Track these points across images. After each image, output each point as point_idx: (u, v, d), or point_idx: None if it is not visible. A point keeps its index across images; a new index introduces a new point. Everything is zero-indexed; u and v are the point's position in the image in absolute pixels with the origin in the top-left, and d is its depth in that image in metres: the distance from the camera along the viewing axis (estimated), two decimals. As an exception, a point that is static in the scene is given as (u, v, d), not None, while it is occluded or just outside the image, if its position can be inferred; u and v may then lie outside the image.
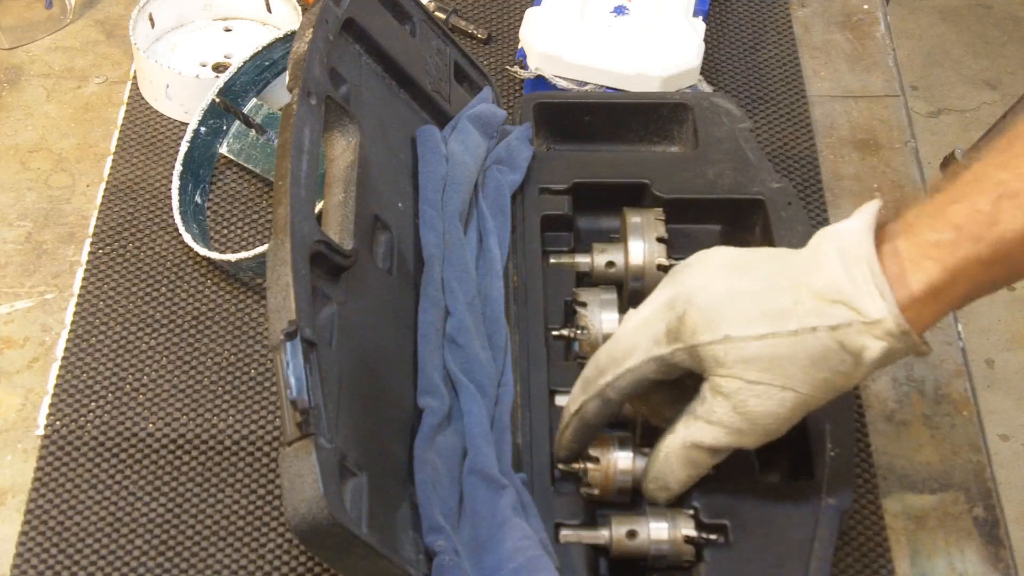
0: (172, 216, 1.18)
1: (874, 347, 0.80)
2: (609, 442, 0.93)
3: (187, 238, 1.15)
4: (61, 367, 1.10)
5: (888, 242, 0.79)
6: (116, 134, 1.29)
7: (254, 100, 1.26)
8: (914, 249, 0.79)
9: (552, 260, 1.08)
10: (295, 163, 0.86)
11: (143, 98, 1.32)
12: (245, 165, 1.24)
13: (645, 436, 0.94)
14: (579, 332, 1.01)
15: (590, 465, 0.92)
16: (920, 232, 0.79)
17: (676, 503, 0.92)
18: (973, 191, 0.78)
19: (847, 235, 0.81)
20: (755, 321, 0.81)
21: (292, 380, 0.75)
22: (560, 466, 0.94)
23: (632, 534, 0.89)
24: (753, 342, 0.81)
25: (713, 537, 0.89)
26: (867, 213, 0.81)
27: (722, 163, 1.12)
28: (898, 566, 0.98)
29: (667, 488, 0.89)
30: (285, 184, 0.84)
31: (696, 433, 0.85)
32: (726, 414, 0.83)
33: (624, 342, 0.86)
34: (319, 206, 0.96)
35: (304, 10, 1.33)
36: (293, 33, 1.14)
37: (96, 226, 1.20)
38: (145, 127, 1.29)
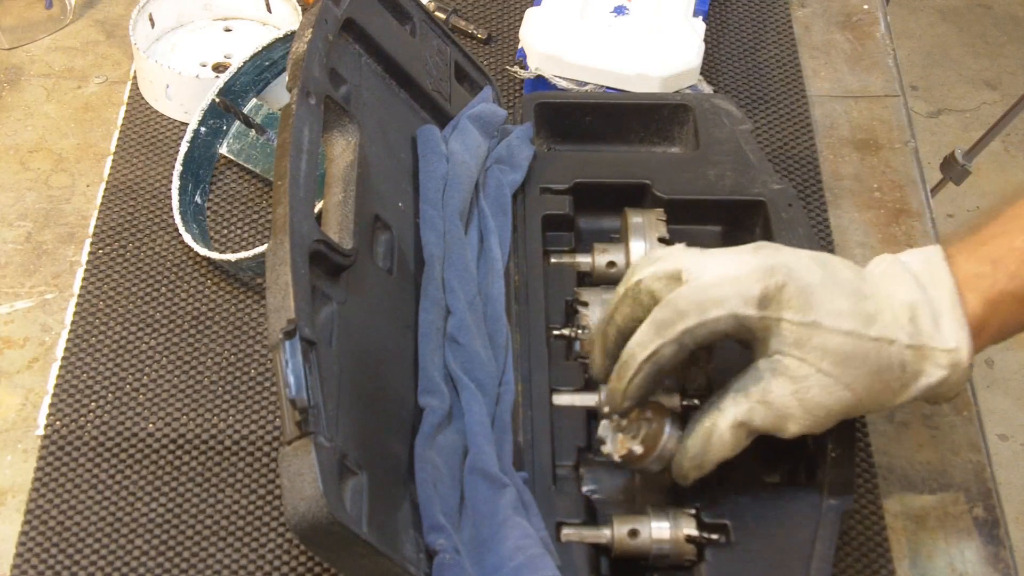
0: (172, 216, 1.18)
1: (932, 375, 0.82)
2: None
3: (187, 238, 1.15)
4: (61, 367, 1.10)
5: None
6: (116, 134, 1.29)
7: (254, 100, 1.26)
8: (960, 278, 0.81)
9: (553, 260, 1.08)
10: (294, 163, 0.86)
11: (143, 98, 1.32)
12: (245, 165, 1.24)
13: None
14: (580, 332, 1.01)
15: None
16: (961, 264, 0.82)
17: (677, 503, 0.92)
18: (1013, 228, 0.80)
19: (919, 261, 0.84)
20: (844, 316, 0.82)
21: (291, 379, 0.75)
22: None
23: (634, 533, 0.89)
24: (838, 336, 0.82)
25: (715, 537, 0.89)
26: (933, 247, 0.83)
27: (723, 164, 1.12)
28: (898, 566, 0.98)
29: (702, 467, 0.87)
30: (284, 184, 0.84)
31: (748, 413, 0.84)
32: (784, 397, 0.83)
33: (712, 291, 0.84)
34: (319, 206, 0.96)
35: (304, 10, 1.33)
36: (293, 33, 1.14)
37: (96, 226, 1.20)
38: (145, 127, 1.29)
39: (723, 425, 0.85)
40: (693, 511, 0.90)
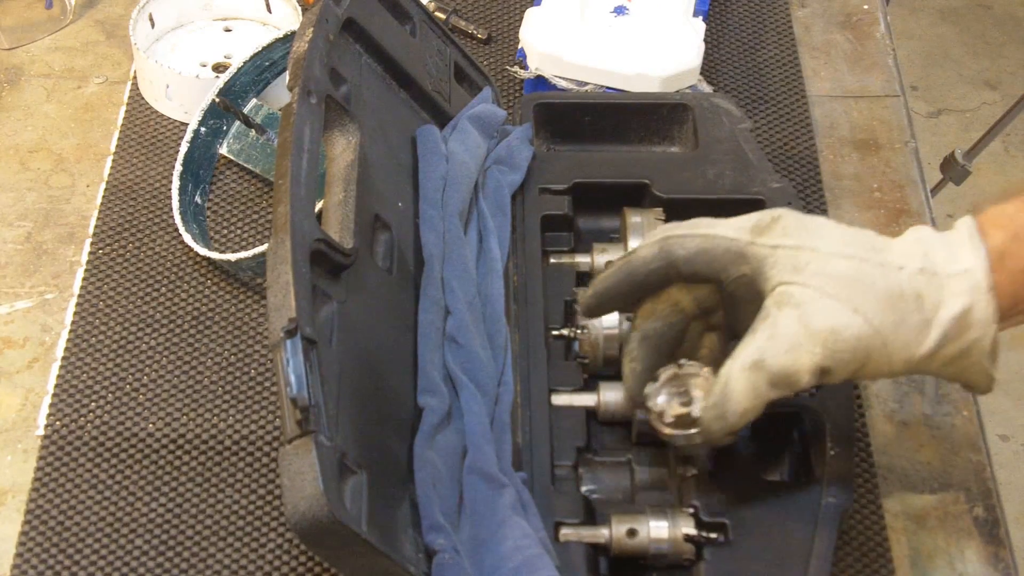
0: (172, 216, 1.18)
1: (952, 304, 0.79)
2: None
3: (187, 238, 1.15)
4: (61, 367, 1.10)
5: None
6: (116, 134, 1.29)
7: (254, 100, 1.26)
8: (981, 220, 0.81)
9: (552, 260, 1.08)
10: (295, 162, 0.86)
11: (143, 98, 1.32)
12: (245, 165, 1.24)
13: None
14: (579, 332, 1.01)
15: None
16: (985, 208, 0.81)
17: (675, 502, 0.92)
18: None
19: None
20: (847, 245, 0.81)
21: (292, 378, 0.75)
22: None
23: (632, 533, 0.89)
24: (839, 259, 0.80)
25: (713, 536, 0.89)
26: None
27: (722, 163, 1.12)
28: (898, 566, 0.98)
29: (723, 417, 0.82)
30: (285, 183, 0.84)
31: (758, 351, 0.80)
32: (790, 325, 0.80)
33: (708, 221, 0.85)
34: (319, 205, 0.96)
35: (304, 10, 1.33)
36: (293, 33, 1.14)
37: (96, 226, 1.20)
38: (145, 127, 1.29)
39: (736, 368, 0.81)
40: (691, 510, 0.90)
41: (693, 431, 0.86)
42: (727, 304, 0.88)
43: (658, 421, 0.88)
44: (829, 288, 0.80)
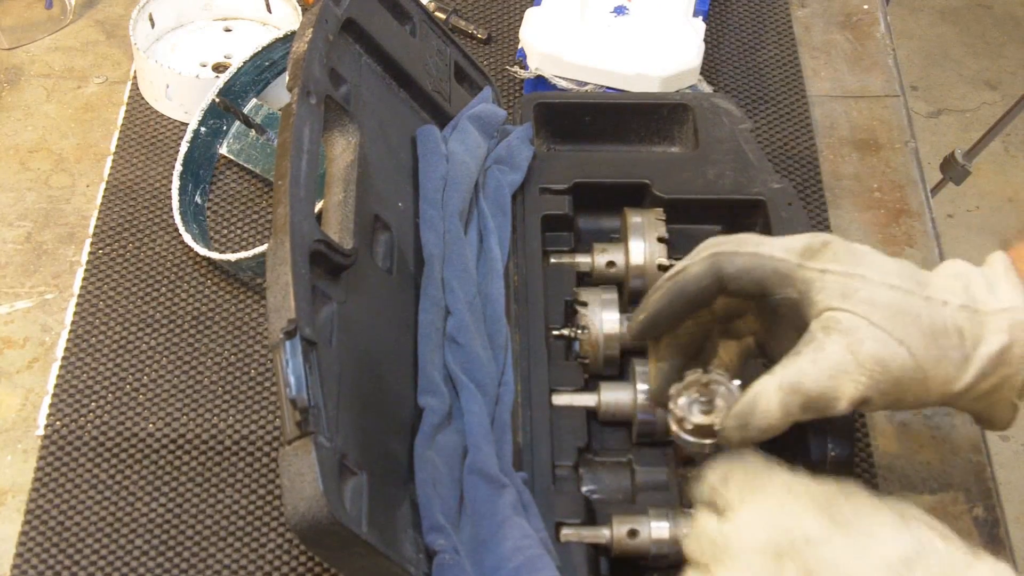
0: (172, 216, 1.18)
1: (993, 341, 0.80)
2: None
3: (187, 238, 1.15)
4: (61, 367, 1.10)
5: None
6: (116, 134, 1.29)
7: (254, 100, 1.26)
8: (1013, 255, 0.81)
9: (553, 260, 1.08)
10: (295, 163, 0.86)
11: (143, 98, 1.32)
12: (245, 165, 1.24)
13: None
14: (580, 332, 1.01)
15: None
16: (1015, 244, 0.82)
17: (676, 503, 0.92)
18: None
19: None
20: (893, 275, 0.81)
21: (292, 379, 0.75)
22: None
23: (633, 533, 0.89)
24: (887, 290, 0.80)
25: (713, 536, 0.89)
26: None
27: (722, 163, 1.12)
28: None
29: (745, 429, 0.81)
30: (285, 184, 0.84)
31: (798, 374, 0.80)
32: (836, 353, 0.79)
33: (755, 238, 0.85)
34: (319, 206, 0.96)
35: (304, 10, 1.33)
36: (293, 33, 1.14)
37: (96, 226, 1.20)
38: (145, 127, 1.29)
39: (772, 386, 0.80)
40: (692, 511, 0.90)
41: (708, 441, 0.86)
42: (763, 321, 0.88)
43: (677, 424, 0.87)
44: (876, 318, 0.80)
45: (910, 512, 0.76)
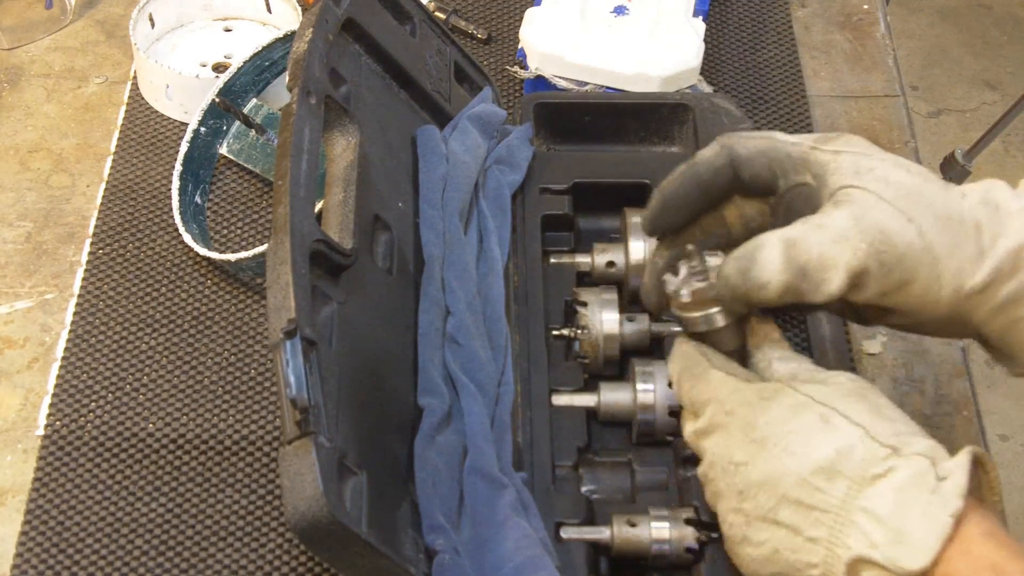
0: (172, 216, 1.18)
1: (1013, 236, 0.77)
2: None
3: (187, 238, 1.15)
4: (61, 367, 1.10)
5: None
6: (116, 134, 1.29)
7: (254, 100, 1.26)
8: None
9: (552, 260, 1.08)
10: (295, 163, 0.86)
11: (143, 98, 1.32)
12: (245, 165, 1.24)
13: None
14: (579, 332, 1.01)
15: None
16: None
17: (676, 502, 0.92)
18: None
19: None
20: (911, 164, 0.80)
21: (292, 379, 0.75)
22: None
23: (633, 532, 0.89)
24: (903, 172, 0.78)
25: (714, 536, 0.89)
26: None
27: (722, 163, 1.12)
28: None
29: (744, 275, 0.77)
30: (285, 184, 0.84)
31: (802, 231, 0.76)
32: (841, 218, 0.76)
33: (765, 132, 0.84)
34: (319, 206, 0.96)
35: (304, 10, 1.33)
36: (293, 33, 1.14)
37: (96, 226, 1.20)
38: (145, 127, 1.29)
39: (773, 238, 0.77)
40: (692, 510, 0.90)
41: (714, 311, 0.81)
42: (781, 219, 0.83)
43: (677, 306, 0.83)
44: (888, 194, 0.77)
45: (837, 406, 0.74)
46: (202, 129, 1.23)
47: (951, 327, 0.82)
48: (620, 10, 1.30)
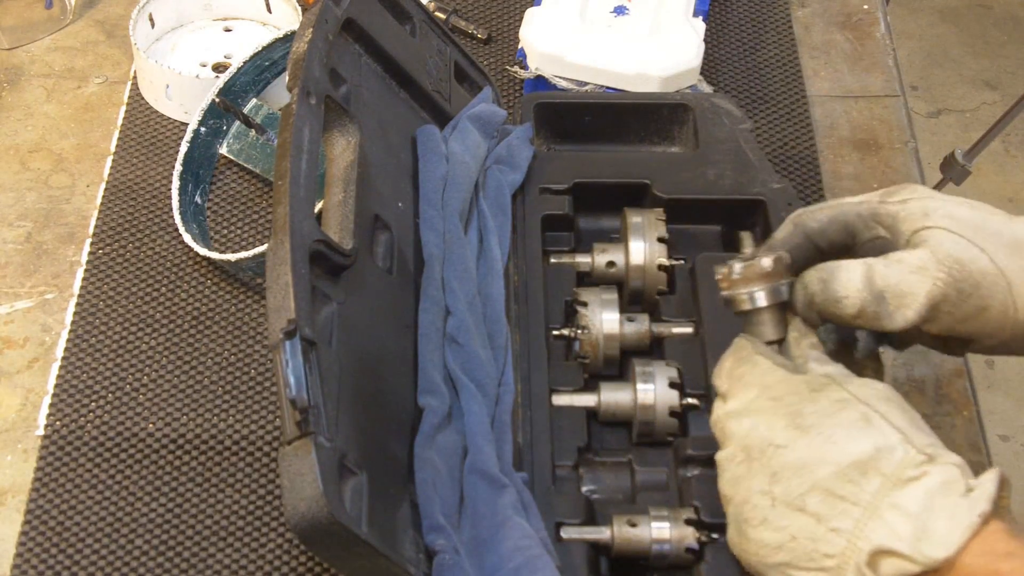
0: (172, 216, 1.18)
1: None
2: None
3: (187, 238, 1.15)
4: (61, 367, 1.10)
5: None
6: (116, 134, 1.29)
7: (254, 100, 1.26)
8: None
9: (553, 260, 1.08)
10: (294, 163, 0.86)
11: (143, 98, 1.32)
12: (245, 165, 1.24)
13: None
14: (580, 332, 1.01)
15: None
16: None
17: (676, 503, 0.92)
18: None
19: None
20: (973, 202, 0.84)
21: (291, 379, 0.75)
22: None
23: (634, 533, 0.89)
24: (968, 209, 0.83)
25: (715, 537, 0.89)
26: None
27: (723, 164, 1.12)
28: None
29: (825, 284, 0.82)
30: (284, 184, 0.84)
31: (883, 264, 0.82)
32: (918, 255, 0.81)
33: (831, 201, 0.88)
34: (319, 206, 0.96)
35: (304, 10, 1.33)
36: (293, 33, 1.14)
37: (96, 226, 1.20)
38: (145, 127, 1.29)
39: (856, 263, 0.82)
40: (693, 511, 0.90)
41: (758, 289, 0.84)
42: None
43: (727, 282, 0.85)
44: (957, 228, 0.81)
45: (879, 409, 0.77)
46: (202, 129, 1.23)
47: None
48: (620, 10, 1.30)
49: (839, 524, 0.74)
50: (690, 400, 0.96)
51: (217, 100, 1.22)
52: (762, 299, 0.84)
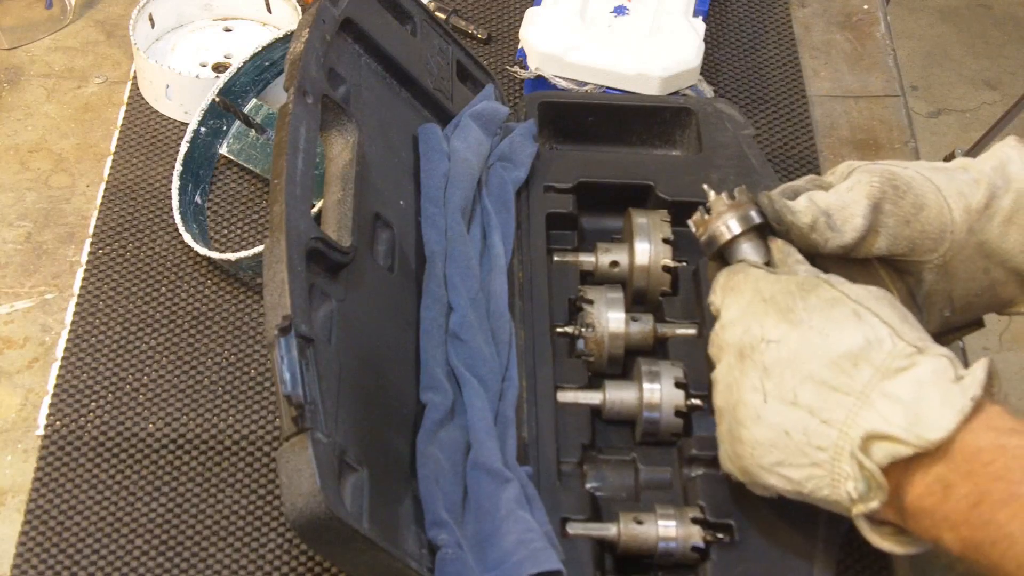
0: (172, 216, 1.18)
1: (989, 160, 0.92)
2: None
3: (187, 238, 1.15)
4: (61, 367, 1.09)
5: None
6: (116, 134, 1.29)
7: (254, 100, 1.26)
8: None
9: (556, 258, 1.08)
10: (291, 161, 0.86)
11: (143, 98, 1.32)
12: (245, 165, 1.24)
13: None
14: (584, 329, 1.01)
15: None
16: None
17: (682, 501, 0.92)
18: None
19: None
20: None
21: (287, 375, 0.75)
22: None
23: (640, 530, 0.89)
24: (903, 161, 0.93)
25: (720, 536, 0.89)
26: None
27: (725, 168, 1.12)
28: (898, 566, 0.98)
29: (778, 199, 0.88)
30: (281, 182, 0.84)
31: (821, 192, 0.89)
32: (852, 179, 0.89)
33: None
34: (318, 205, 0.96)
35: (304, 10, 1.33)
36: (293, 33, 1.14)
37: (96, 226, 1.20)
38: (145, 127, 1.29)
39: (800, 198, 0.89)
40: (698, 510, 0.90)
41: (731, 216, 0.89)
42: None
43: (700, 224, 0.92)
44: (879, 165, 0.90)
45: (870, 306, 0.79)
46: (202, 129, 1.23)
47: (989, 273, 0.90)
48: (620, 10, 1.30)
49: (831, 415, 0.76)
50: (695, 401, 0.96)
51: (217, 100, 1.22)
52: (736, 225, 0.89)
